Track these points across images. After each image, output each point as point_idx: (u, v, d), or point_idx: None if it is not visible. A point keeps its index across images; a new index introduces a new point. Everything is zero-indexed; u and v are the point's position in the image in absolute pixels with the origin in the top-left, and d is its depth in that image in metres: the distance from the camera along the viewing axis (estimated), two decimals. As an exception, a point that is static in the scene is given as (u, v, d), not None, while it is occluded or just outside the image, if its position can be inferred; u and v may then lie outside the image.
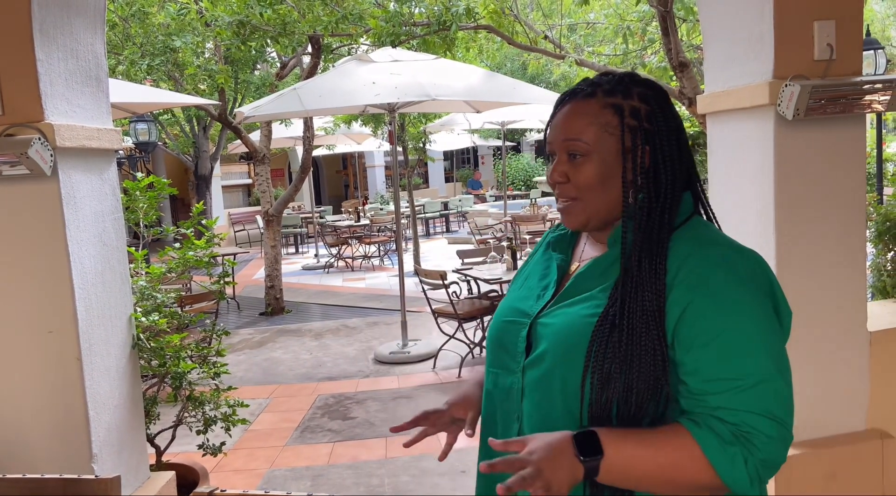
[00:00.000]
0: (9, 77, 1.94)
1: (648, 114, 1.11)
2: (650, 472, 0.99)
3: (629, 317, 1.03)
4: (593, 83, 1.15)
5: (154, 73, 7.55)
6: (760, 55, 2.19)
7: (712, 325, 1.00)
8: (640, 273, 1.05)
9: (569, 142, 1.12)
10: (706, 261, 1.04)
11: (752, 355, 0.99)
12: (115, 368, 2.25)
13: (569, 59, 4.74)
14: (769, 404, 0.97)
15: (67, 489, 1.58)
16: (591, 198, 1.12)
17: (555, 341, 1.09)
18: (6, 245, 2.01)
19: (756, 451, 0.96)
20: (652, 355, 1.01)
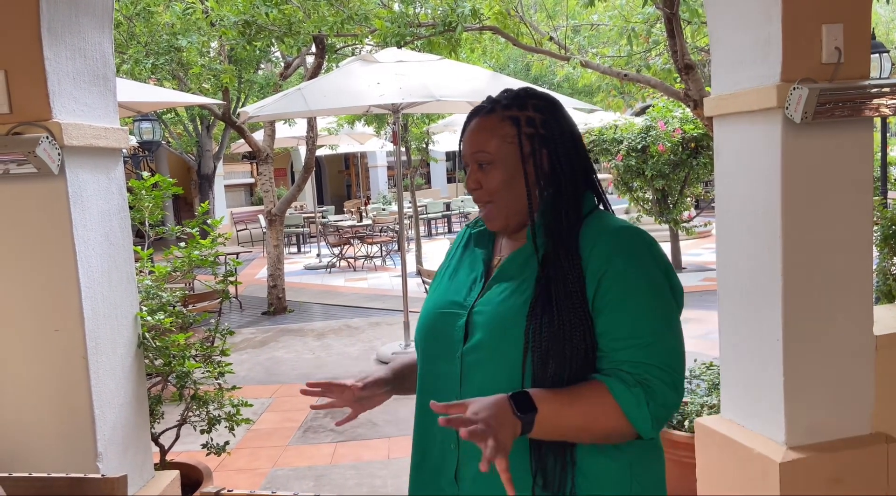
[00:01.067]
0: (17, 75, 1.94)
1: (543, 121, 1.28)
2: (575, 421, 1.15)
3: (556, 299, 1.18)
4: (494, 100, 1.32)
5: (158, 73, 7.57)
6: (768, 58, 2.18)
7: (620, 293, 1.18)
8: (557, 260, 1.21)
9: (476, 154, 1.29)
10: (613, 243, 1.21)
11: (650, 318, 1.17)
12: (121, 367, 2.26)
13: (573, 61, 4.74)
14: (663, 357, 1.16)
15: (74, 488, 1.58)
16: (502, 199, 1.28)
17: (492, 327, 1.22)
18: (13, 243, 2.02)
19: (655, 395, 1.14)
20: (581, 329, 1.17)
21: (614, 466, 1.19)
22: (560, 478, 1.17)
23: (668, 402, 1.16)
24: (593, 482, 1.18)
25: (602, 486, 1.18)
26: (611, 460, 1.19)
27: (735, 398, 2.48)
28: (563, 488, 1.17)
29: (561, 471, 1.17)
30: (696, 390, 3.22)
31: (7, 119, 1.94)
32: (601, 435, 1.16)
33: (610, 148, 9.19)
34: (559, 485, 1.17)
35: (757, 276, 2.29)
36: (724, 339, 2.52)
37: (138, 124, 7.35)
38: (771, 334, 2.25)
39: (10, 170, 1.90)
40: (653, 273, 1.20)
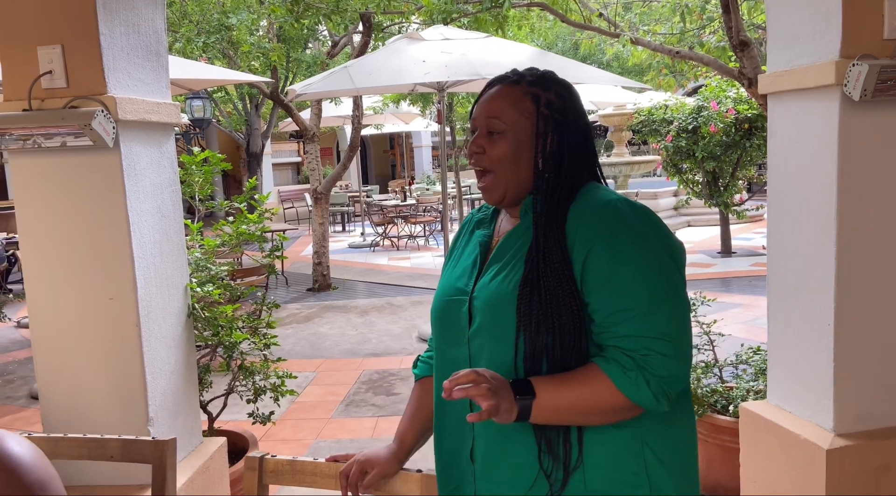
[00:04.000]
0: (73, 51, 1.99)
1: (561, 108, 1.28)
2: (575, 405, 1.15)
3: (544, 277, 1.18)
4: (520, 73, 1.32)
5: (209, 51, 7.68)
6: (827, 33, 2.10)
7: (608, 266, 1.16)
8: (546, 239, 1.21)
9: (490, 119, 1.28)
10: (599, 214, 1.20)
11: (642, 287, 1.16)
12: (172, 336, 2.33)
13: (623, 38, 4.64)
14: (662, 327, 1.15)
15: (126, 449, 1.64)
16: (503, 171, 1.28)
17: (488, 310, 1.24)
18: (70, 214, 2.09)
19: (655, 371, 1.14)
20: (569, 306, 1.17)
21: (623, 435, 1.19)
22: (565, 449, 1.18)
23: (672, 373, 1.15)
24: (601, 451, 1.18)
25: (610, 455, 1.18)
26: (618, 429, 1.19)
27: (782, 383, 2.43)
28: (569, 459, 1.18)
29: (565, 442, 1.18)
30: (742, 375, 3.16)
31: (64, 93, 2.00)
32: (605, 417, 1.17)
33: (659, 128, 8.99)
34: (565, 455, 1.18)
35: (809, 259, 2.23)
36: (772, 324, 2.46)
37: (190, 102, 7.50)
38: (822, 319, 2.19)
39: (67, 142, 1.97)
40: (642, 242, 1.19)
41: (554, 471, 1.18)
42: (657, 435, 1.21)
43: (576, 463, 1.18)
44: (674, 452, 1.24)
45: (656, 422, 1.21)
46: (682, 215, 12.47)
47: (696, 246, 10.05)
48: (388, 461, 1.45)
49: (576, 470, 1.18)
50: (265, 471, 1.51)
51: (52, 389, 2.18)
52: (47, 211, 2.09)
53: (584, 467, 1.18)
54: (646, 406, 1.15)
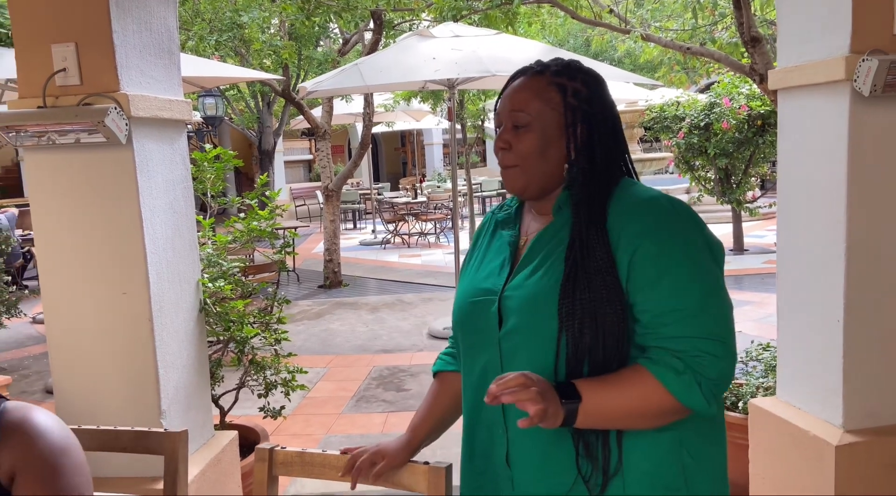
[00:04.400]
0: (86, 48, 2.02)
1: (588, 97, 1.24)
2: (622, 409, 1.12)
3: (587, 276, 1.15)
4: (544, 64, 1.28)
5: (221, 49, 7.73)
6: (837, 29, 2.09)
7: (657, 266, 1.13)
8: (587, 236, 1.17)
9: (515, 113, 1.24)
10: (644, 211, 1.18)
11: (692, 287, 1.13)
12: (184, 330, 2.35)
13: (634, 34, 4.63)
14: (711, 327, 1.12)
15: (139, 441, 1.67)
16: (529, 166, 1.24)
17: (525, 311, 1.19)
18: (84, 210, 2.12)
19: (706, 372, 1.11)
20: (613, 305, 1.13)
21: (663, 438, 1.16)
22: (604, 453, 1.15)
23: (723, 375, 1.12)
24: (641, 455, 1.15)
25: (650, 458, 1.15)
26: (658, 433, 1.16)
27: (792, 380, 2.43)
28: (608, 463, 1.15)
29: (604, 446, 1.15)
30: (752, 372, 3.15)
31: (78, 90, 2.03)
32: (652, 421, 1.14)
33: (671, 125, 8.95)
34: (604, 460, 1.15)
35: (819, 255, 2.23)
36: (782, 320, 2.46)
37: (202, 99, 7.55)
38: (831, 315, 2.18)
39: (80, 139, 2.00)
40: (689, 240, 1.16)
41: (593, 476, 1.15)
42: (696, 436, 1.19)
43: (615, 468, 1.15)
44: (710, 454, 1.22)
45: (696, 423, 1.18)
46: (694, 212, 12.40)
47: (708, 243, 9.98)
48: (398, 452, 1.44)
49: (615, 475, 1.15)
50: (275, 462, 1.53)
51: (67, 383, 2.21)
52: (61, 206, 2.12)
53: (623, 471, 1.15)
54: (697, 409, 1.12)
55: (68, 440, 1.37)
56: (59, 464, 1.32)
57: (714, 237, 1.19)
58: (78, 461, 1.37)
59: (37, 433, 1.32)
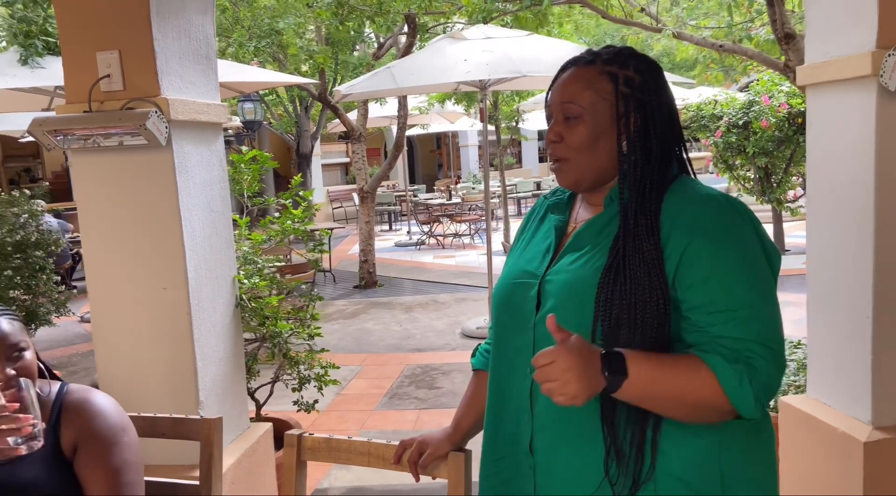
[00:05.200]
0: (129, 56, 2.13)
1: (642, 84, 1.20)
2: (669, 394, 1.08)
3: (631, 267, 1.12)
4: (595, 53, 1.24)
5: (260, 55, 7.91)
6: (863, 24, 2.08)
7: (710, 264, 1.10)
8: (637, 228, 1.14)
9: (565, 104, 1.21)
10: (699, 209, 1.14)
11: (746, 289, 1.09)
12: (221, 324, 2.45)
13: (666, 33, 4.62)
14: (762, 332, 1.08)
15: (176, 427, 1.75)
16: (581, 159, 1.21)
17: (563, 296, 1.17)
18: (127, 209, 2.22)
19: (757, 373, 1.06)
20: (655, 300, 1.10)
21: (700, 444, 1.12)
22: (637, 459, 1.11)
23: (771, 381, 1.08)
24: (675, 461, 1.11)
25: (685, 465, 1.11)
26: (696, 438, 1.11)
27: (821, 377, 2.41)
28: (640, 471, 1.11)
29: (638, 451, 1.11)
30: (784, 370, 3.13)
31: (121, 95, 2.13)
32: (695, 411, 1.09)
33: (709, 124, 8.84)
34: (636, 466, 1.11)
35: (847, 251, 2.21)
36: (812, 317, 2.45)
37: (241, 104, 7.73)
38: (861, 311, 2.17)
39: (123, 141, 2.10)
40: (744, 241, 1.12)
41: (620, 480, 1.12)
42: (736, 445, 1.14)
43: (646, 475, 1.11)
44: (752, 463, 1.16)
45: (736, 431, 1.13)
46: (733, 213, 12.20)
47: (747, 244, 9.83)
48: (441, 443, 1.46)
49: (647, 482, 1.11)
50: (303, 447, 1.60)
51: (111, 375, 2.32)
52: (106, 206, 2.24)
53: (655, 477, 1.11)
54: (744, 408, 1.06)
55: (124, 420, 1.51)
56: (117, 440, 1.46)
57: (771, 243, 1.16)
58: (133, 439, 1.50)
59: (97, 411, 1.49)
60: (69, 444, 1.47)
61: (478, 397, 1.46)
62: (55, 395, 1.53)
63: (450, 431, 1.49)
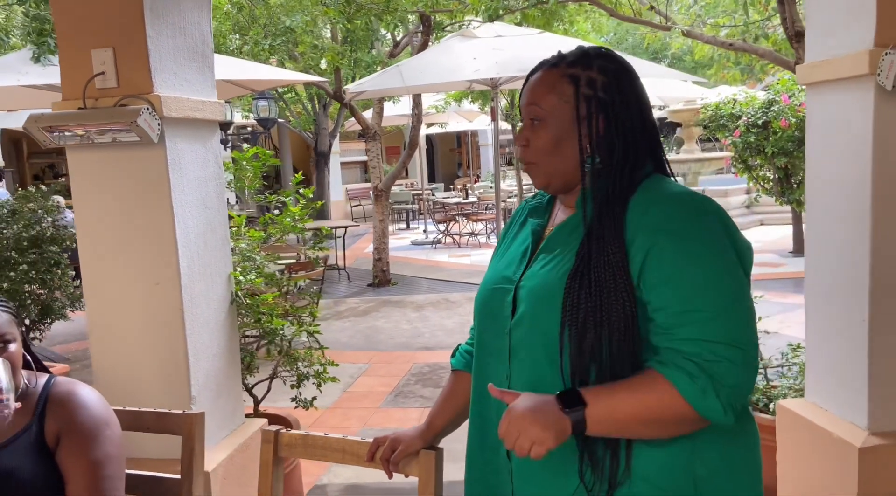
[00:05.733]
0: (123, 52, 2.15)
1: (605, 84, 1.18)
2: (634, 415, 1.07)
3: (596, 270, 1.11)
4: (561, 55, 1.24)
5: (277, 53, 7.96)
6: (862, 23, 2.04)
7: (674, 263, 1.08)
8: (601, 230, 1.13)
9: (530, 107, 1.22)
10: (664, 209, 1.12)
11: (712, 288, 1.07)
12: (214, 321, 2.47)
13: (675, 31, 4.57)
14: (731, 332, 1.06)
15: (159, 421, 1.78)
16: (546, 162, 1.22)
17: (532, 301, 1.18)
18: (121, 204, 2.25)
19: (724, 380, 1.04)
20: (621, 302, 1.09)
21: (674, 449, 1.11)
22: (611, 465, 1.11)
23: (740, 383, 1.05)
24: (650, 465, 1.11)
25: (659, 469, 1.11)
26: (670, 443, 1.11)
27: (819, 381, 2.37)
28: (615, 475, 1.11)
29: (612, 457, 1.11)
30: (786, 374, 3.08)
31: (115, 92, 2.16)
32: (666, 430, 1.09)
33: (728, 124, 8.73)
34: (611, 471, 1.11)
35: (845, 253, 2.18)
36: (810, 320, 2.41)
37: (256, 102, 7.79)
38: (857, 315, 2.13)
39: (117, 138, 2.13)
40: (711, 240, 1.09)
41: (597, 485, 1.12)
42: (711, 447, 1.12)
43: (622, 477, 1.11)
44: (730, 466, 1.14)
45: (712, 434, 1.11)
46: (754, 213, 12.06)
47: (767, 245, 9.72)
48: (413, 440, 1.47)
49: (621, 485, 1.11)
50: (280, 443, 1.61)
51: (106, 368, 2.35)
52: (100, 201, 2.26)
53: (630, 481, 1.11)
54: (713, 418, 1.05)
55: (108, 413, 1.55)
56: (99, 433, 1.49)
57: (743, 240, 1.13)
58: (115, 433, 1.53)
59: (81, 404, 1.52)
60: (53, 435, 1.50)
61: (454, 397, 1.47)
62: (42, 387, 1.56)
63: (423, 429, 1.49)
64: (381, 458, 1.48)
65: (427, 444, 1.48)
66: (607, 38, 11.46)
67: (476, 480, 1.33)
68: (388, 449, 1.48)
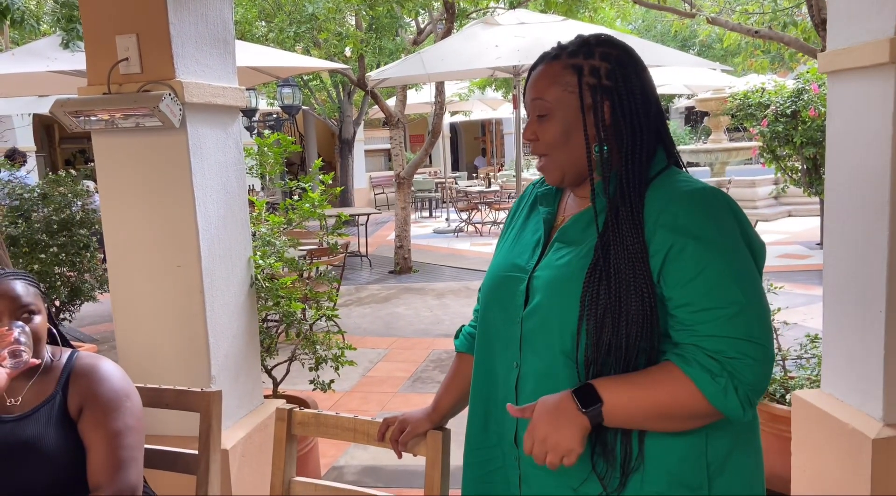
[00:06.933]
0: (147, 39, 2.19)
1: (608, 71, 1.18)
2: (650, 410, 1.08)
3: (615, 264, 1.12)
4: (561, 46, 1.24)
5: (302, 40, 8.00)
6: (883, 10, 2.02)
7: (694, 263, 1.09)
8: (619, 223, 1.14)
9: (535, 102, 1.22)
10: (683, 206, 1.12)
11: (732, 286, 1.08)
12: (234, 303, 2.52)
13: (699, 18, 4.51)
14: (751, 329, 1.07)
15: (178, 398, 1.83)
16: (557, 154, 1.22)
17: (549, 292, 1.18)
18: (143, 188, 2.30)
19: (744, 377, 1.06)
20: (640, 296, 1.10)
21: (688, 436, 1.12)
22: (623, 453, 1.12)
23: (759, 380, 1.07)
24: (663, 453, 1.12)
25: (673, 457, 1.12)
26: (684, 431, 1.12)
27: (835, 372, 2.36)
28: (627, 464, 1.12)
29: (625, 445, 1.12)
30: (805, 365, 3.07)
31: (139, 78, 2.21)
32: (682, 423, 1.10)
33: (755, 113, 8.60)
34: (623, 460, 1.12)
35: (863, 244, 2.16)
36: (827, 311, 2.40)
37: (280, 89, 7.85)
38: (874, 306, 2.11)
39: (140, 123, 2.18)
40: (729, 238, 1.11)
41: (609, 474, 1.13)
42: (723, 437, 1.14)
43: (634, 465, 1.12)
44: (740, 454, 1.17)
45: (724, 423, 1.12)
46: (782, 204, 11.89)
47: (794, 236, 9.60)
48: (421, 421, 1.50)
49: (634, 473, 1.12)
50: (293, 422, 1.65)
51: (129, 347, 2.42)
52: (124, 185, 2.32)
53: (643, 469, 1.12)
54: (732, 415, 1.07)
55: (129, 386, 1.61)
56: (120, 404, 1.56)
57: (757, 237, 1.15)
58: (136, 405, 1.60)
59: (103, 376, 1.60)
60: (75, 406, 1.57)
61: (458, 379, 1.48)
62: (65, 361, 1.63)
63: (429, 411, 1.51)
64: (391, 439, 1.51)
65: (434, 425, 1.50)
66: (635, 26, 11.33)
67: (478, 464, 1.33)
68: (397, 429, 1.51)
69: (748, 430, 1.19)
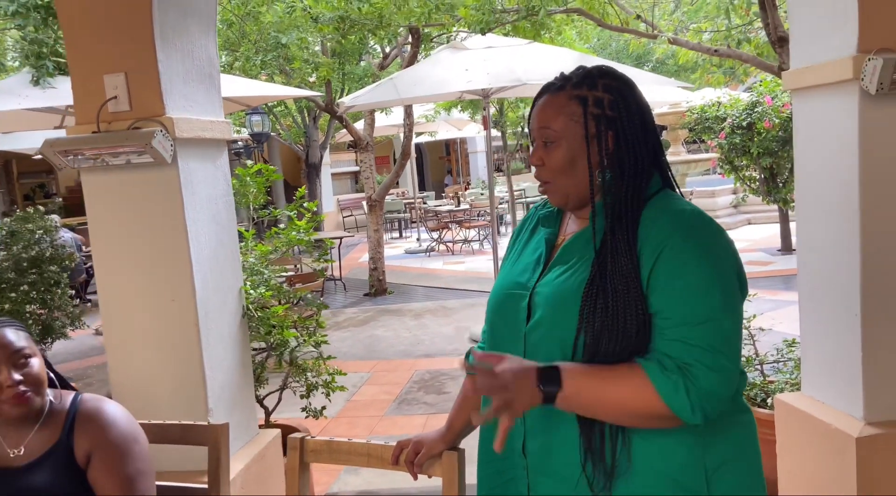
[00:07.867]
0: (135, 77, 2.22)
1: (611, 102, 1.26)
2: (607, 401, 1.16)
3: (611, 281, 1.19)
4: (565, 78, 1.31)
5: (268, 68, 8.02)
6: (845, 29, 2.14)
7: (674, 270, 1.16)
8: (615, 243, 1.21)
9: (542, 130, 1.29)
10: (672, 220, 1.21)
11: (703, 297, 1.14)
12: (228, 334, 2.53)
13: (661, 39, 4.67)
14: (713, 340, 1.13)
15: (185, 433, 1.83)
16: (562, 180, 1.29)
17: (549, 307, 1.25)
18: (136, 224, 2.31)
19: (697, 381, 1.11)
20: (634, 311, 1.17)
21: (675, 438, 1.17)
22: (611, 454, 1.18)
23: (714, 389, 1.12)
24: (652, 454, 1.17)
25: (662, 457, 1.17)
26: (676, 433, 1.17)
27: (814, 374, 2.46)
28: (613, 465, 1.17)
29: (612, 447, 1.18)
30: (783, 369, 3.17)
31: (128, 115, 2.23)
32: (638, 418, 1.16)
33: (713, 126, 8.87)
34: (611, 460, 1.18)
35: (836, 250, 2.26)
36: (804, 315, 2.50)
37: (249, 117, 7.84)
38: (849, 309, 2.21)
39: (130, 160, 2.19)
40: (713, 253, 1.18)
41: (596, 475, 1.18)
42: (720, 439, 1.20)
43: (622, 468, 1.17)
44: (737, 457, 1.22)
45: (719, 425, 1.19)
46: (741, 213, 12.22)
47: (754, 244, 9.86)
48: (435, 442, 1.54)
49: (621, 476, 1.17)
50: (306, 450, 1.67)
51: (122, 384, 2.40)
52: (115, 222, 2.32)
53: (632, 470, 1.17)
54: (682, 416, 1.12)
55: (136, 429, 1.59)
56: (129, 449, 1.54)
57: (740, 262, 1.21)
58: (144, 448, 1.58)
59: (109, 421, 1.57)
60: (83, 454, 1.54)
61: (470, 399, 1.53)
62: (69, 405, 1.60)
63: (443, 432, 1.56)
64: (406, 461, 1.55)
65: (448, 446, 1.54)
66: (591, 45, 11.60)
67: (491, 476, 1.39)
68: (412, 451, 1.55)
69: (746, 437, 1.26)
